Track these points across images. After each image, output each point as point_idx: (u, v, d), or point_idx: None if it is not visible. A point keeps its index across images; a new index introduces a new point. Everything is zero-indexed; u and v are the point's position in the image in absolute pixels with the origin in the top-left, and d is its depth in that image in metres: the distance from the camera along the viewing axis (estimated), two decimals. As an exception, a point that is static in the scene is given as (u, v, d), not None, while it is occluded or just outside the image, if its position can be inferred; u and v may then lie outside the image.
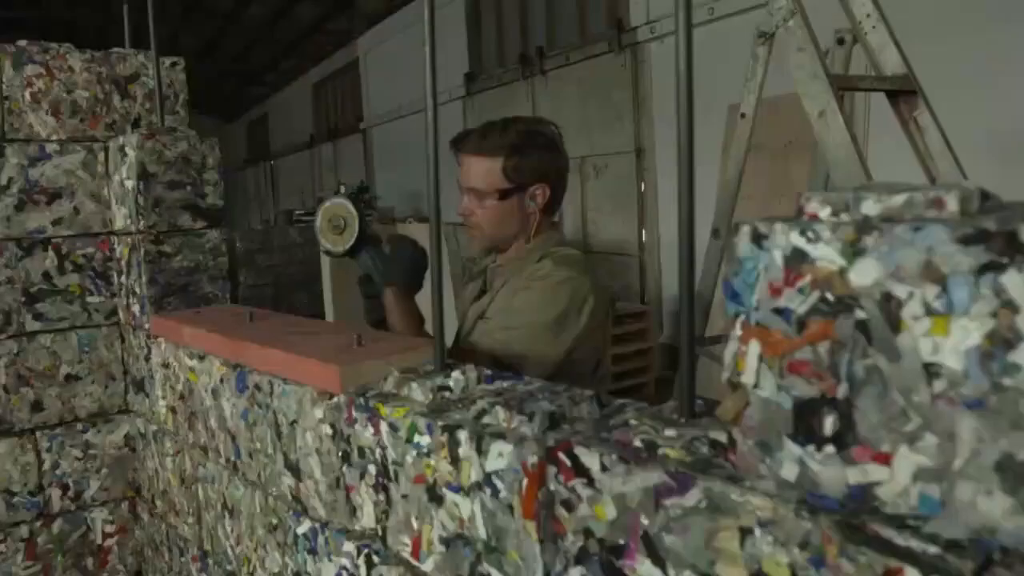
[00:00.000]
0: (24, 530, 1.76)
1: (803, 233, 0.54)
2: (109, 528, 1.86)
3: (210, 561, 1.50)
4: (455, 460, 0.83)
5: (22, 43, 1.72)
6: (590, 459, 0.69)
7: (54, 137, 1.75)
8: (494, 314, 1.61)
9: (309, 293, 7.11)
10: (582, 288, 1.57)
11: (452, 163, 1.70)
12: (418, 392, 0.94)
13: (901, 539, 0.49)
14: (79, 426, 1.81)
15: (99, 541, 1.86)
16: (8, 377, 1.72)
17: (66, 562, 1.82)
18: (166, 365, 1.59)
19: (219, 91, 14.77)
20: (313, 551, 1.13)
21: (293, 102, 14.29)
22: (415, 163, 9.51)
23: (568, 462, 0.71)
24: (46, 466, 1.78)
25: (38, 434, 1.76)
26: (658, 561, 0.64)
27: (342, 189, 9.24)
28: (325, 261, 6.30)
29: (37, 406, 1.76)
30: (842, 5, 2.25)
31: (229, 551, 1.41)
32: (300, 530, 1.16)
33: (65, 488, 1.80)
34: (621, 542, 0.67)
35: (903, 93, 2.18)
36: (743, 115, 2.48)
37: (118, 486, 1.87)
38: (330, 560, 1.08)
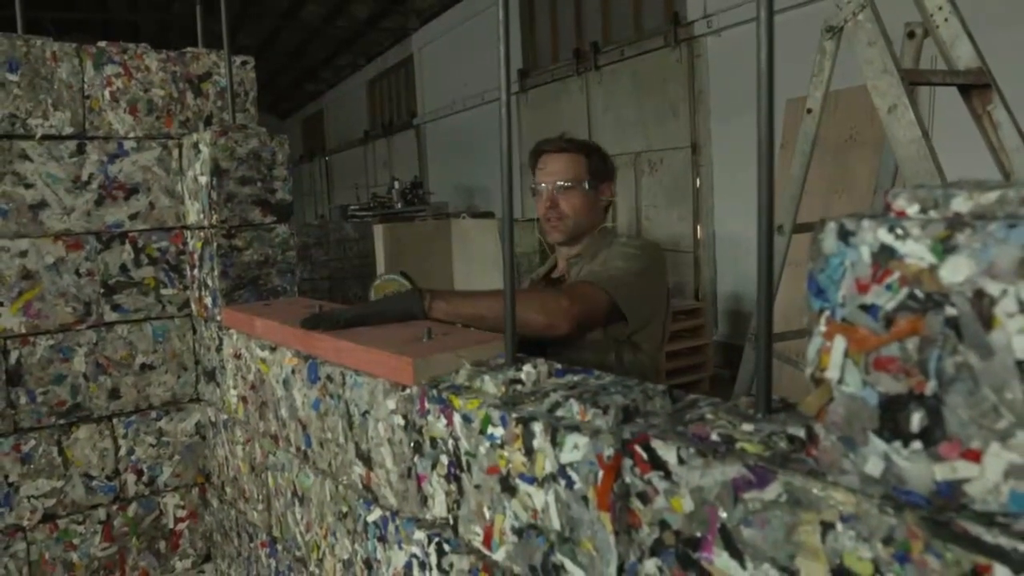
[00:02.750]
0: (102, 513, 1.83)
1: (892, 230, 0.54)
2: (180, 513, 1.93)
3: (279, 547, 1.55)
4: (529, 452, 0.85)
5: (102, 44, 1.78)
6: (667, 452, 0.70)
7: (131, 134, 1.82)
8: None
9: (363, 287, 7.21)
10: (658, 254, 1.84)
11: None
12: (490, 385, 0.96)
13: (990, 536, 0.49)
14: (153, 414, 1.88)
15: (171, 525, 1.92)
16: (88, 366, 1.79)
17: (140, 545, 1.89)
18: (238, 356, 1.64)
19: (275, 88, 15.04)
20: (383, 539, 1.16)
21: (348, 98, 14.48)
22: (468, 159, 9.57)
23: (644, 455, 0.72)
24: (122, 452, 1.85)
25: (115, 421, 1.84)
26: (736, 554, 0.65)
27: (396, 185, 9.35)
28: (380, 255, 6.39)
29: (114, 394, 1.83)
30: (913, -2, 2.20)
31: (298, 537, 1.45)
32: (370, 518, 1.19)
33: (140, 473, 1.87)
34: (698, 534, 0.68)
35: (976, 87, 2.12)
36: (809, 110, 2.44)
37: (189, 472, 1.94)
38: (400, 548, 1.11)
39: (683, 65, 6.36)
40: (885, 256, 0.54)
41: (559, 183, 1.83)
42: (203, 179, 1.74)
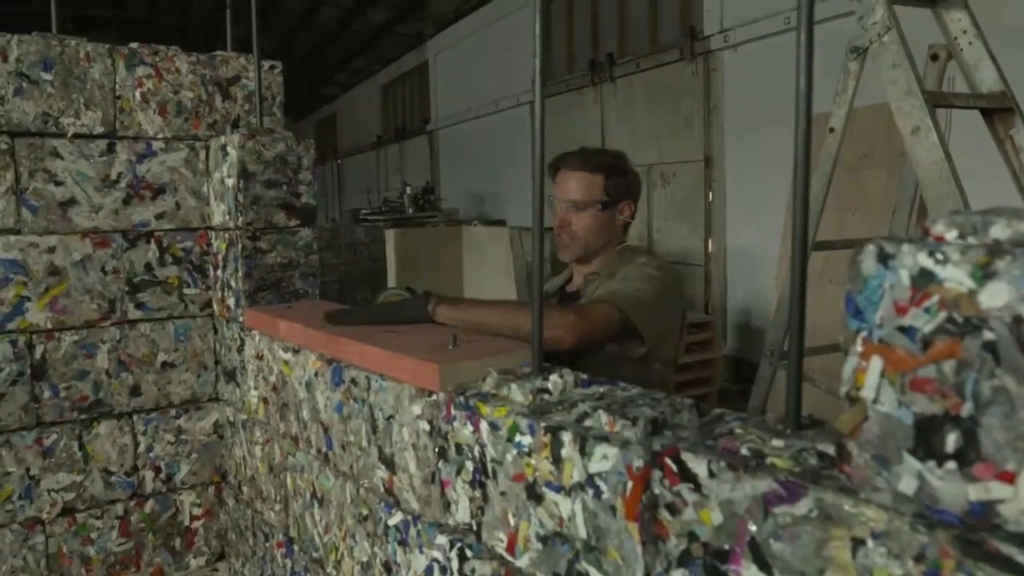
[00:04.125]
0: (119, 508, 1.85)
1: (931, 255, 0.55)
2: (196, 511, 1.95)
3: (295, 547, 1.56)
4: (557, 460, 0.86)
5: (134, 45, 1.81)
6: (697, 465, 0.71)
7: (160, 135, 1.84)
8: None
9: (373, 290, 7.23)
10: (675, 277, 1.83)
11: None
12: (518, 393, 0.97)
13: (1023, 557, 0.50)
14: (172, 412, 1.90)
15: (187, 523, 1.94)
16: (111, 362, 1.81)
17: (156, 541, 1.91)
18: (260, 357, 1.66)
19: (290, 90, 15.09)
20: (404, 542, 1.17)
21: (361, 102, 14.54)
22: (481, 166, 9.60)
23: (674, 467, 0.74)
24: (141, 448, 1.87)
25: (135, 417, 1.86)
26: (764, 567, 0.66)
27: (408, 190, 9.39)
28: (391, 260, 6.41)
29: (135, 391, 1.85)
30: (937, 21, 2.21)
31: (316, 539, 1.47)
32: (391, 521, 1.20)
33: (157, 470, 1.89)
34: (726, 547, 0.69)
35: (999, 111, 2.13)
36: (832, 129, 2.45)
37: (206, 471, 1.95)
38: (421, 552, 1.12)
39: (698, 79, 6.38)
40: (925, 280, 0.55)
41: (572, 202, 1.83)
42: (230, 181, 1.77)
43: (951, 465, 0.55)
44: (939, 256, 0.55)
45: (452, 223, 8.01)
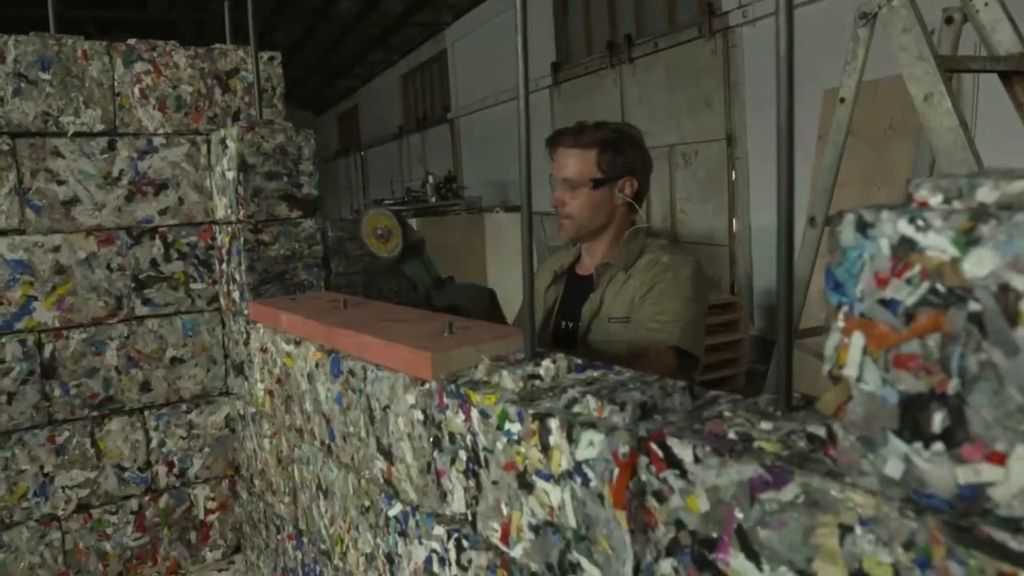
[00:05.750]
0: (134, 503, 1.86)
1: (912, 221, 0.51)
2: (211, 504, 1.95)
3: (305, 539, 1.56)
4: (545, 448, 0.84)
5: (131, 41, 1.80)
6: (683, 450, 0.69)
7: (160, 131, 1.83)
8: (633, 312, 1.72)
9: (397, 281, 7.24)
10: (706, 280, 1.78)
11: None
12: (508, 380, 0.95)
13: (1016, 543, 0.47)
14: (183, 407, 1.90)
15: (201, 516, 1.95)
16: (120, 359, 1.82)
17: (171, 535, 1.91)
18: (264, 350, 1.65)
19: (310, 85, 15.16)
20: (404, 533, 1.15)
21: (382, 94, 14.54)
22: (502, 153, 9.56)
23: (660, 453, 0.71)
24: (153, 444, 1.87)
25: (146, 413, 1.86)
26: (752, 555, 0.63)
27: (430, 179, 9.37)
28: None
29: (145, 386, 1.85)
30: (951, -18, 2.14)
31: (323, 530, 1.46)
32: (391, 512, 1.18)
33: (171, 465, 1.90)
34: (714, 535, 0.66)
35: (1018, 74, 2.05)
36: (842, 100, 2.38)
37: (219, 465, 1.96)
38: (420, 543, 1.11)
39: (718, 56, 6.28)
40: (905, 249, 0.52)
41: (565, 180, 1.78)
42: (230, 175, 1.75)
43: (938, 446, 0.52)
44: (920, 223, 0.51)
45: (474, 211, 7.99)
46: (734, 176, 6.27)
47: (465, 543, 1.00)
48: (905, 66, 1.96)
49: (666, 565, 0.71)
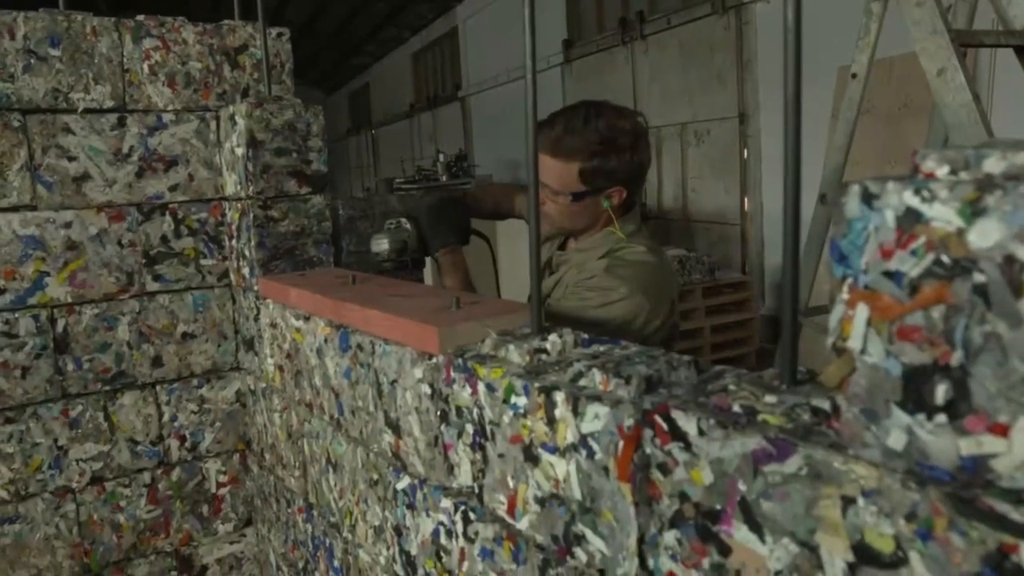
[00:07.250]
0: (147, 476, 1.89)
1: (917, 192, 0.51)
2: (222, 478, 1.97)
3: (314, 513, 1.57)
4: (551, 421, 0.84)
5: (140, 18, 1.80)
6: (687, 423, 0.69)
7: (170, 107, 1.83)
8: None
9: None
10: (631, 308, 1.52)
11: None
12: (515, 354, 0.95)
13: (1018, 514, 0.47)
14: (194, 381, 1.92)
15: (213, 490, 1.97)
16: (131, 334, 1.83)
17: (184, 508, 1.94)
18: (274, 325, 1.66)
19: (322, 63, 15.11)
20: (412, 506, 1.17)
21: (393, 72, 14.48)
22: (514, 131, 9.51)
23: (665, 425, 0.71)
24: (165, 418, 1.89)
25: (158, 388, 1.88)
26: (755, 527, 0.64)
27: (441, 158, 9.35)
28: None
29: (157, 361, 1.87)
30: (967, -45, 2.11)
31: (332, 504, 1.47)
32: (399, 486, 1.20)
33: (182, 439, 1.92)
34: (718, 507, 0.67)
35: (1033, 49, 2.03)
36: (854, 75, 2.36)
37: (230, 439, 1.98)
38: (428, 516, 1.12)
39: (731, 33, 6.21)
40: (910, 220, 0.51)
41: (545, 185, 1.59)
42: (239, 151, 1.76)
43: (941, 418, 0.51)
44: (925, 193, 0.51)
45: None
46: (746, 155, 6.22)
47: (472, 515, 1.01)
48: (919, 40, 1.93)
49: (670, 537, 0.72)
